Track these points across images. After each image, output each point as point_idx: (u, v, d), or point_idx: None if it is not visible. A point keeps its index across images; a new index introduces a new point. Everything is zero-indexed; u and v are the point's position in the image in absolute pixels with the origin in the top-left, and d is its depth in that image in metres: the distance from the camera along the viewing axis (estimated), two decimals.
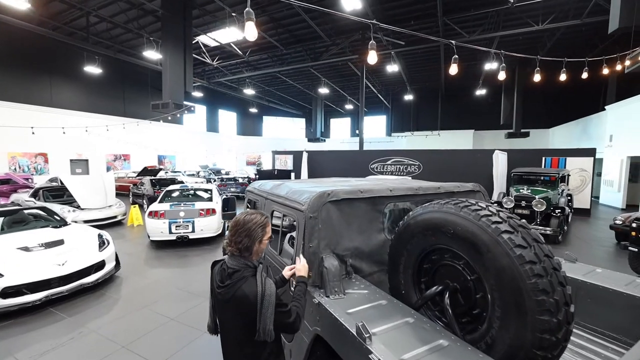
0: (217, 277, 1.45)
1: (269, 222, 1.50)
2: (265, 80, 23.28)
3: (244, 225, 1.41)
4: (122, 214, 9.00)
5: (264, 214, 1.51)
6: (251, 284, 1.34)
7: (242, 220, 1.43)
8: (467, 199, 1.41)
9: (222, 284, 1.39)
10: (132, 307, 3.86)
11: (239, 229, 1.41)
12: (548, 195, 7.82)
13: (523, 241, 1.15)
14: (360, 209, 2.03)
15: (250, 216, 1.45)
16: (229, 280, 1.37)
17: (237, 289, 1.33)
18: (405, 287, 1.65)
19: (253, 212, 1.48)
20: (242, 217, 1.45)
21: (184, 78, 12.04)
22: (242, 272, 1.37)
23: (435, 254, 1.52)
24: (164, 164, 22.56)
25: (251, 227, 1.40)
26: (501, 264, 1.15)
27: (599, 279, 1.92)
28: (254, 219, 1.43)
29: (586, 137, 17.71)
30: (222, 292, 1.38)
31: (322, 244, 1.83)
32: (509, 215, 1.27)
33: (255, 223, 1.42)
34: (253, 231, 1.40)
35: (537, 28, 12.29)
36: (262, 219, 1.46)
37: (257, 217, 1.45)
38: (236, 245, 1.39)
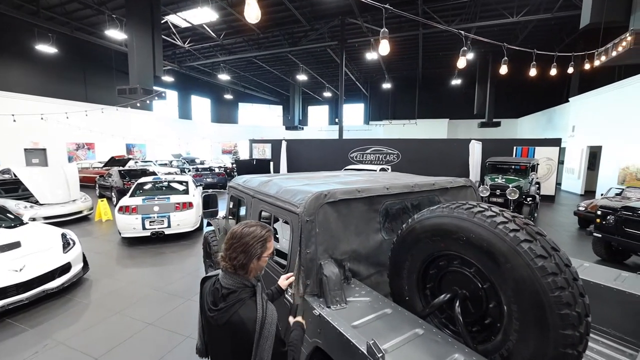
0: (209, 298, 1.27)
1: (270, 237, 1.31)
2: (240, 66, 22.35)
3: (241, 239, 1.23)
4: (88, 209, 8.37)
5: (266, 227, 1.31)
6: (250, 308, 1.17)
7: (238, 233, 1.25)
8: (479, 203, 1.33)
9: (215, 307, 1.22)
10: (104, 313, 3.57)
11: (235, 243, 1.23)
12: (520, 183, 8.17)
13: (543, 251, 1.09)
14: (357, 210, 1.92)
15: (248, 229, 1.26)
16: (223, 303, 1.20)
17: (233, 314, 1.16)
18: (410, 293, 1.58)
19: (253, 224, 1.30)
20: (239, 230, 1.27)
21: (153, 61, 11.22)
22: (239, 294, 1.20)
23: (443, 259, 1.45)
24: (133, 153, 21.30)
25: (249, 242, 1.23)
26: (521, 276, 1.09)
27: (589, 275, 1.96)
28: (252, 233, 1.25)
29: (551, 127, 18.71)
30: (215, 316, 1.20)
31: (320, 250, 1.71)
32: (525, 221, 1.21)
33: (254, 237, 1.24)
34: (251, 247, 1.22)
35: (511, 20, 12.57)
36: (263, 232, 1.27)
37: (257, 231, 1.27)
38: (231, 262, 1.22)
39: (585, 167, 13.98)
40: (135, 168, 13.55)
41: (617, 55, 6.08)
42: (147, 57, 10.80)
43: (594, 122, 13.58)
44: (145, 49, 10.64)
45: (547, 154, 11.85)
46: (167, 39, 15.31)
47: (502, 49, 18.25)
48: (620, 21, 6.88)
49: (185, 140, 26.31)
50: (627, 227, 4.97)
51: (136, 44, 10.42)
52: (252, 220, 1.33)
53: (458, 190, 2.57)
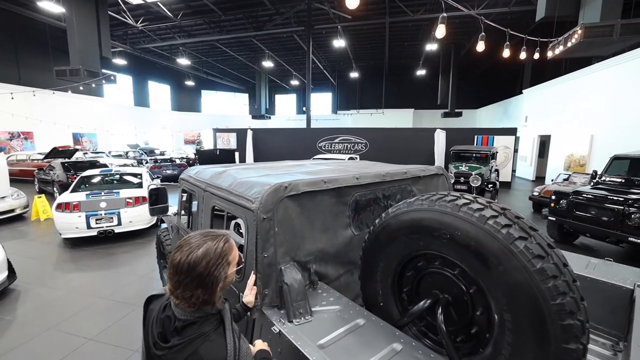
0: (156, 329, 0.93)
1: (231, 246, 0.96)
2: (202, 50, 20.96)
3: (192, 271, 0.87)
4: (22, 207, 7.35)
5: (220, 235, 0.95)
6: (216, 346, 0.86)
7: (185, 263, 0.87)
8: (463, 194, 1.14)
9: (164, 344, 0.88)
10: (32, 330, 3.05)
11: (184, 279, 0.87)
12: (482, 171, 8.48)
13: (540, 249, 0.92)
14: (323, 203, 1.68)
15: (197, 252, 0.88)
16: (177, 338, 0.87)
17: (191, 354, 0.84)
18: (384, 298, 1.38)
19: (201, 241, 0.92)
20: (185, 258, 0.88)
21: (99, 40, 10.04)
22: (200, 326, 0.88)
23: (421, 260, 1.26)
24: (82, 143, 19.33)
25: (204, 272, 0.88)
26: (516, 280, 0.91)
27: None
28: (206, 255, 0.89)
29: (507, 117, 19.84)
30: (165, 356, 0.87)
31: (279, 252, 1.45)
32: (515, 213, 1.04)
33: (210, 261, 0.89)
34: (209, 276, 0.88)
35: (472, 12, 12.86)
36: (220, 247, 0.92)
37: (211, 249, 0.90)
38: (187, 302, 0.88)
39: (536, 154, 15.00)
40: (83, 160, 12.24)
41: (569, 47, 6.38)
42: (91, 35, 9.61)
43: (544, 112, 14.55)
44: (87, 25, 9.45)
45: (505, 143, 12.49)
46: (117, 16, 13.82)
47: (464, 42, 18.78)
48: (570, 15, 7.23)
49: (143, 130, 24.42)
50: (577, 211, 5.28)
51: (76, 19, 9.21)
52: (196, 233, 0.96)
53: (430, 178, 2.43)
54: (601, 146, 10.29)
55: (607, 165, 5.84)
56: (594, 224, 4.93)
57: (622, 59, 9.30)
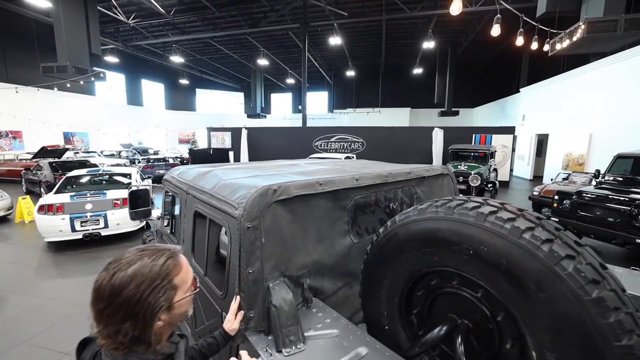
0: None
1: (178, 265, 0.75)
2: (196, 48, 20.62)
3: (116, 297, 0.66)
4: (6, 209, 7.06)
5: (165, 250, 0.75)
6: None
7: (108, 287, 0.67)
8: (487, 200, 0.94)
9: None
10: (3, 343, 2.81)
11: (105, 307, 0.67)
12: (481, 170, 8.33)
13: (594, 272, 0.73)
14: (319, 208, 1.47)
15: (126, 272, 0.67)
16: None
17: None
18: (390, 321, 1.18)
19: (139, 253, 0.72)
20: (108, 279, 0.67)
21: (88, 36, 9.73)
22: None
23: (435, 277, 1.06)
24: (73, 142, 18.91)
25: (132, 296, 0.66)
26: (564, 312, 0.72)
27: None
28: (137, 274, 0.67)
29: (504, 116, 19.77)
30: None
31: (267, 267, 1.24)
32: (554, 224, 0.84)
33: (142, 282, 0.67)
34: (140, 303, 0.66)
35: (470, 9, 12.70)
36: (161, 263, 0.71)
37: (146, 265, 0.69)
38: (112, 340, 0.68)
39: (533, 153, 14.92)
40: (72, 160, 11.91)
41: (572, 43, 6.23)
42: (79, 31, 9.30)
43: (542, 111, 14.47)
44: (75, 20, 9.13)
45: (503, 142, 12.37)
46: (108, 12, 13.47)
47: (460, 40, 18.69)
48: (572, 11, 7.09)
49: (136, 129, 24.00)
50: (581, 211, 5.13)
51: (64, 14, 8.89)
52: (133, 248, 0.75)
53: (435, 179, 2.24)
54: (600, 145, 10.20)
55: (611, 164, 5.70)
56: (599, 225, 4.78)
57: (621, 57, 9.20)
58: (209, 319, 1.61)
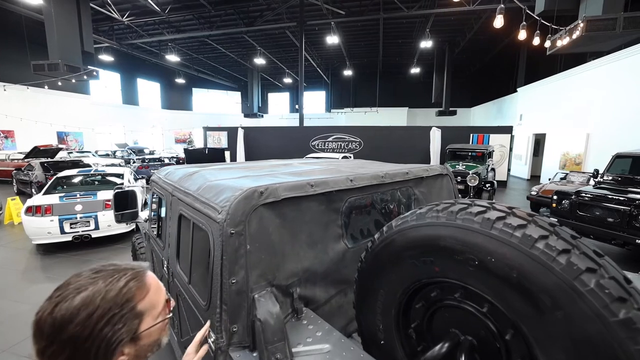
0: None
1: (143, 287, 0.62)
2: (192, 47, 20.43)
3: (60, 331, 0.54)
4: None
5: (128, 270, 0.63)
6: None
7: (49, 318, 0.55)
8: (493, 204, 0.85)
9: None
10: None
11: (47, 347, 0.54)
12: (479, 170, 8.27)
13: (619, 288, 0.63)
14: (310, 211, 1.37)
15: (74, 298, 0.55)
16: None
17: None
18: (386, 335, 1.08)
19: (94, 275, 0.60)
20: (51, 310, 0.55)
21: (80, 34, 9.57)
22: None
23: (435, 289, 0.96)
24: (67, 142, 18.66)
25: (80, 333, 0.54)
26: (586, 334, 0.62)
27: None
28: (87, 303, 0.55)
29: (501, 116, 19.77)
30: None
31: (253, 276, 1.14)
32: (570, 232, 0.75)
33: (93, 313, 0.55)
34: (91, 339, 0.54)
35: (468, 8, 12.65)
36: (119, 287, 0.59)
37: (99, 291, 0.57)
38: None
39: (531, 153, 14.91)
40: (65, 160, 11.71)
41: (570, 42, 6.17)
42: (71, 28, 9.14)
43: (539, 111, 14.46)
44: (67, 17, 8.97)
45: (500, 141, 12.33)
46: (101, 10, 13.29)
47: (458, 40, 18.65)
48: (571, 9, 7.04)
49: (132, 129, 23.77)
50: (580, 211, 5.07)
51: (55, 10, 8.72)
52: (88, 269, 0.62)
53: (434, 179, 2.15)
54: (597, 144, 10.18)
55: (610, 164, 5.65)
56: (598, 226, 4.71)
57: (618, 56, 9.17)
58: (193, 330, 1.50)
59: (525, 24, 6.25)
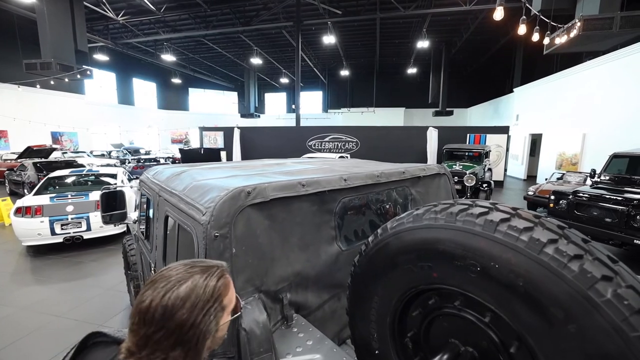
0: None
1: (227, 284, 0.67)
2: (188, 46, 20.28)
3: (170, 318, 0.57)
4: None
5: (215, 267, 0.66)
6: None
7: (159, 306, 0.57)
8: (496, 204, 0.78)
9: None
10: None
11: (156, 331, 0.57)
12: (475, 170, 8.23)
13: (638, 298, 0.57)
14: (301, 212, 1.31)
15: (179, 288, 0.59)
16: None
17: None
18: (381, 345, 1.01)
19: (189, 269, 0.63)
20: (161, 298, 0.58)
21: (73, 32, 9.43)
22: None
23: (432, 296, 0.89)
24: (61, 142, 18.46)
25: (187, 320, 0.58)
26: (602, 350, 0.56)
27: None
28: (191, 294, 0.59)
29: (497, 116, 19.81)
30: None
31: (238, 282, 1.07)
32: (581, 235, 0.68)
33: (196, 304, 0.59)
34: (194, 327, 0.58)
35: (465, 8, 12.65)
36: (214, 283, 0.63)
37: (200, 284, 0.61)
38: None
39: (527, 153, 14.94)
40: (59, 160, 11.56)
41: (568, 40, 6.15)
42: (65, 27, 9.00)
43: (535, 111, 14.48)
44: (60, 15, 8.84)
45: (497, 141, 12.33)
46: (96, 9, 13.14)
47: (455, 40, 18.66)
48: (567, 8, 7.03)
49: (128, 129, 23.56)
50: (577, 211, 5.05)
51: (48, 8, 8.59)
52: (178, 263, 0.65)
53: (431, 179, 2.09)
54: (593, 144, 10.19)
55: (607, 164, 5.63)
56: (596, 226, 4.69)
57: (614, 56, 9.19)
58: None
59: (525, 18, 6.20)
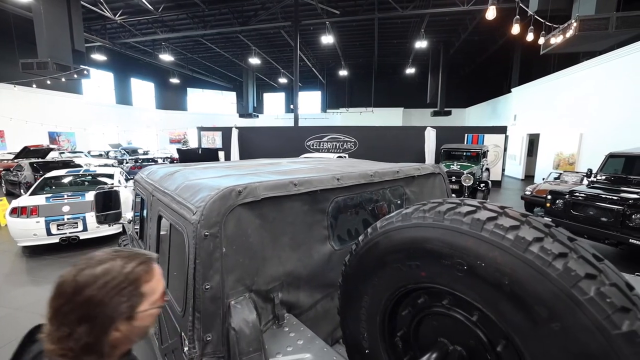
0: None
1: (151, 273, 0.69)
2: (187, 46, 20.24)
3: (79, 292, 0.61)
4: None
5: (142, 255, 0.71)
6: None
7: (72, 281, 0.62)
8: (484, 202, 0.78)
9: None
10: None
11: (63, 304, 0.61)
12: (473, 170, 8.25)
13: (622, 296, 0.57)
14: (293, 211, 1.30)
15: (96, 268, 0.63)
16: None
17: None
18: (371, 344, 1.01)
19: (114, 253, 0.68)
20: (75, 275, 0.62)
21: (70, 32, 9.40)
22: None
23: (422, 295, 0.89)
24: (59, 142, 18.38)
25: (95, 296, 0.61)
26: (585, 349, 0.56)
27: None
28: (106, 273, 0.63)
29: (495, 116, 19.85)
30: None
31: (229, 281, 1.06)
32: (567, 233, 0.69)
33: (109, 283, 0.62)
34: (102, 305, 0.61)
35: (462, 9, 12.67)
36: (133, 266, 0.67)
37: (117, 266, 0.65)
38: (60, 345, 0.60)
39: (525, 153, 14.98)
40: (55, 160, 11.52)
41: (564, 40, 6.17)
42: (61, 26, 8.97)
43: (533, 111, 14.53)
44: (57, 15, 8.80)
45: (495, 141, 12.35)
46: (93, 8, 13.10)
47: (453, 40, 18.68)
48: (564, 8, 7.06)
49: (126, 129, 23.49)
50: (574, 211, 5.06)
51: (44, 8, 8.55)
52: (108, 249, 0.70)
53: (426, 179, 2.09)
54: (590, 144, 10.23)
55: (603, 163, 5.65)
56: (592, 225, 4.70)
57: (611, 57, 9.22)
58: (171, 337, 1.42)
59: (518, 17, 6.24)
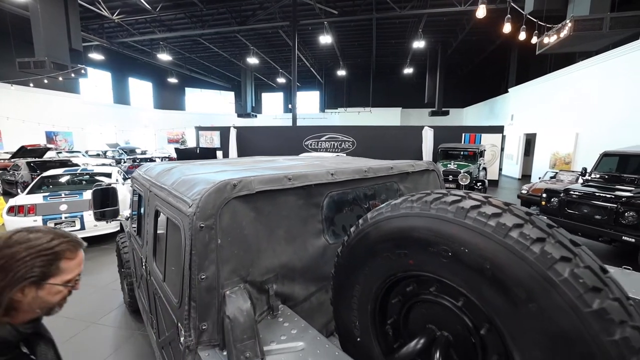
0: None
1: (73, 253, 0.78)
2: (185, 46, 20.22)
3: (6, 247, 0.71)
4: None
5: (73, 239, 0.81)
6: None
7: (7, 237, 0.73)
8: (469, 192, 0.81)
9: None
10: None
11: None
12: (470, 169, 8.31)
13: (594, 277, 0.60)
14: (287, 205, 1.33)
15: (24, 234, 0.74)
16: None
17: None
18: (363, 332, 1.04)
19: (37, 230, 0.77)
20: (12, 233, 0.74)
21: (67, 30, 9.38)
22: None
23: (411, 283, 0.92)
24: (56, 142, 18.32)
25: (15, 255, 0.70)
26: (559, 327, 0.59)
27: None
28: (29, 241, 0.72)
29: (493, 116, 19.94)
30: None
31: (224, 271, 1.09)
32: (546, 220, 0.72)
33: (31, 248, 0.71)
34: (18, 263, 0.69)
35: (460, 9, 12.73)
36: (57, 243, 0.75)
37: (42, 237, 0.74)
38: None
39: (522, 153, 15.06)
40: (53, 159, 11.49)
41: (559, 41, 6.23)
42: (59, 25, 8.95)
43: (530, 111, 14.61)
44: (54, 14, 8.79)
45: (492, 141, 12.42)
46: (91, 7, 13.07)
47: (450, 40, 18.76)
48: (559, 9, 7.12)
49: (123, 128, 23.43)
50: (568, 209, 5.11)
51: (41, 7, 8.53)
52: (46, 226, 0.85)
53: (420, 175, 2.12)
54: (586, 144, 10.31)
55: (597, 162, 5.71)
56: (586, 223, 4.75)
57: (607, 57, 9.31)
58: (168, 329, 1.45)
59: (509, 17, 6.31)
